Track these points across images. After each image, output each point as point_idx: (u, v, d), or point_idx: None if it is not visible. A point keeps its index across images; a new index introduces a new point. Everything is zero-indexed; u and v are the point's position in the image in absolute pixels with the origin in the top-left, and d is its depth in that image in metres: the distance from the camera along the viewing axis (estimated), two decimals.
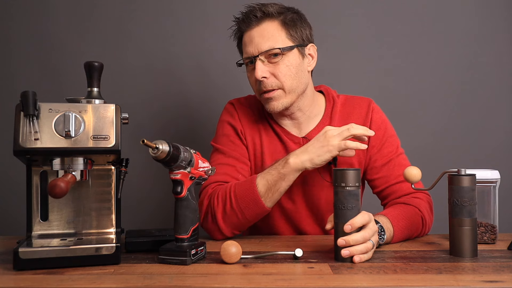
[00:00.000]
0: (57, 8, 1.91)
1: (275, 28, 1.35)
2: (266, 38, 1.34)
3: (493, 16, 1.97)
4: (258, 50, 1.34)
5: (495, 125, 1.97)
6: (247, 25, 1.37)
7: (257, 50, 1.34)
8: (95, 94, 1.10)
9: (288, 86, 1.35)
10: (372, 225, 1.05)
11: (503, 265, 1.00)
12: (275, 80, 1.35)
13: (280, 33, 1.35)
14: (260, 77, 1.33)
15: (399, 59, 1.97)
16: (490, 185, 1.22)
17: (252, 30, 1.36)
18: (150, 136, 1.15)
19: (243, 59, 1.42)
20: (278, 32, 1.35)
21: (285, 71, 1.34)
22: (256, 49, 1.34)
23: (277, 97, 1.36)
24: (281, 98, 1.36)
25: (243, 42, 1.39)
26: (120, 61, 1.92)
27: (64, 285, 0.88)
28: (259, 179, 1.28)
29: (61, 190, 0.94)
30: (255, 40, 1.35)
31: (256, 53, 1.34)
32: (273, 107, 1.37)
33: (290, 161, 1.26)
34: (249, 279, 0.92)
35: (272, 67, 1.34)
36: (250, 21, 1.36)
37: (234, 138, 1.45)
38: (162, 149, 0.97)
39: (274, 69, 1.34)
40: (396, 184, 1.38)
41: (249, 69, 1.40)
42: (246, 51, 1.37)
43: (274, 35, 1.35)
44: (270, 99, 1.36)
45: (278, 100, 1.36)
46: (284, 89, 1.36)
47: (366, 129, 1.25)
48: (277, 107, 1.37)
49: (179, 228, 1.06)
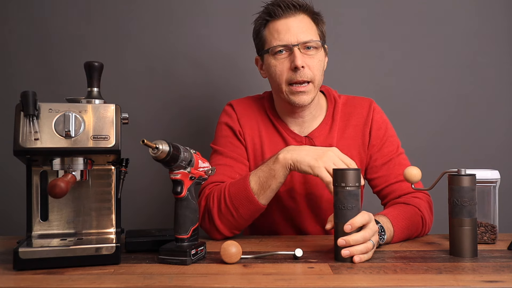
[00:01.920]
0: (56, 8, 1.91)
1: (310, 23, 1.38)
2: (305, 29, 1.35)
3: (493, 16, 1.97)
4: (297, 39, 1.34)
5: (495, 125, 1.97)
6: (284, 12, 1.35)
7: (296, 39, 1.34)
8: (95, 94, 1.10)
9: (317, 81, 1.38)
10: (372, 225, 1.05)
11: (503, 265, 1.00)
12: (309, 72, 1.35)
13: (314, 28, 1.39)
14: (301, 65, 1.32)
15: (399, 59, 1.97)
16: (490, 185, 1.22)
17: (289, 18, 1.36)
18: (150, 136, 1.14)
19: (274, 46, 1.36)
20: (313, 27, 1.38)
21: (318, 65, 1.37)
22: (296, 38, 1.34)
23: (308, 91, 1.36)
24: (311, 92, 1.37)
25: (275, 29, 1.37)
26: (120, 61, 1.91)
27: (64, 285, 0.88)
28: (252, 176, 1.27)
29: (61, 190, 0.94)
30: (294, 29, 1.35)
31: (296, 42, 1.34)
32: (303, 101, 1.37)
33: (280, 156, 1.24)
34: (249, 279, 0.92)
35: (307, 59, 1.35)
36: (288, 9, 1.35)
37: (232, 139, 1.45)
38: (162, 149, 0.97)
39: (309, 61, 1.35)
40: (396, 183, 1.38)
41: (280, 57, 1.37)
42: (282, 39, 1.35)
43: (310, 28, 1.37)
44: (301, 93, 1.36)
45: (308, 94, 1.37)
46: (314, 83, 1.37)
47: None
48: (307, 100, 1.37)
49: (179, 228, 1.06)
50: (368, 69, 1.96)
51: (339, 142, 1.43)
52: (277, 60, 1.37)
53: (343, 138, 1.44)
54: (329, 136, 1.43)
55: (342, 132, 1.44)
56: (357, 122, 1.45)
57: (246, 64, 1.93)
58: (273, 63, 1.38)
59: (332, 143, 1.42)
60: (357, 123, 1.45)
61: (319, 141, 1.43)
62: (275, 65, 1.37)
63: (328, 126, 1.45)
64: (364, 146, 1.44)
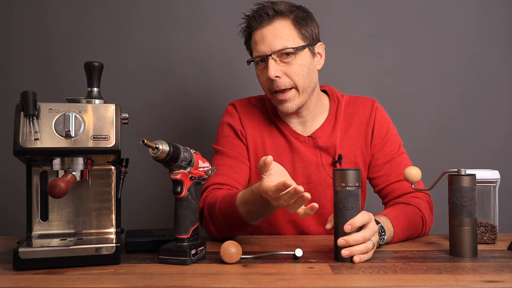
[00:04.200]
0: (57, 8, 1.91)
1: (287, 27, 1.34)
2: (279, 37, 1.33)
3: (493, 16, 1.97)
4: (271, 49, 1.33)
5: (495, 125, 1.97)
6: (258, 23, 1.35)
7: (269, 49, 1.33)
8: (95, 94, 1.10)
9: (301, 86, 1.36)
10: (372, 225, 1.05)
11: (503, 265, 1.00)
12: (288, 80, 1.34)
13: (292, 32, 1.35)
14: (273, 76, 1.32)
15: (400, 59, 1.97)
16: (490, 185, 1.22)
17: (263, 28, 1.34)
18: (150, 136, 1.14)
19: (253, 57, 1.39)
20: (291, 32, 1.34)
21: (298, 71, 1.34)
22: (269, 48, 1.33)
23: (291, 98, 1.36)
24: (295, 99, 1.36)
25: (254, 40, 1.37)
26: (120, 61, 1.92)
27: (64, 285, 0.88)
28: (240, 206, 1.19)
29: (61, 190, 0.94)
30: (268, 39, 1.33)
31: (269, 52, 1.33)
32: (287, 108, 1.37)
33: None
34: (249, 279, 0.92)
35: (284, 66, 1.34)
36: (261, 19, 1.34)
37: (234, 139, 1.45)
38: (162, 149, 0.97)
39: (287, 69, 1.34)
40: (397, 183, 1.39)
41: (260, 67, 1.38)
42: (258, 50, 1.35)
43: (287, 34, 1.34)
44: (284, 101, 1.36)
45: (292, 101, 1.36)
46: (297, 89, 1.36)
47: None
48: (291, 108, 1.37)
49: (179, 228, 1.06)
50: (368, 69, 1.96)
51: (342, 142, 1.43)
52: (259, 70, 1.39)
53: (346, 137, 1.44)
54: (332, 136, 1.43)
55: (345, 131, 1.45)
56: (360, 122, 1.45)
57: (246, 65, 1.93)
58: (257, 73, 1.41)
59: (335, 143, 1.42)
60: (360, 122, 1.45)
61: (322, 141, 1.43)
62: (258, 74, 1.41)
63: (331, 126, 1.45)
64: (367, 145, 1.44)
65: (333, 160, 1.42)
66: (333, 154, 1.42)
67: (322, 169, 1.40)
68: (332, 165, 1.42)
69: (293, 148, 1.43)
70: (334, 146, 1.42)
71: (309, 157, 1.43)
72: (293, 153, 1.43)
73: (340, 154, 1.41)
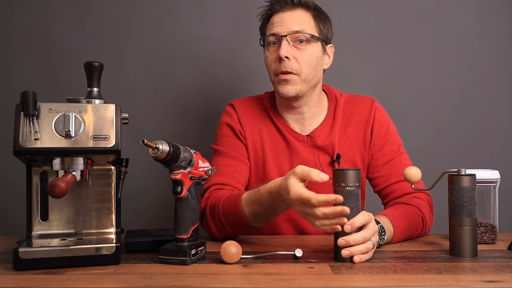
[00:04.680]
0: (57, 8, 1.91)
1: (307, 17, 1.39)
2: (297, 22, 1.36)
3: (493, 16, 1.97)
4: (287, 30, 1.35)
5: (495, 125, 1.97)
6: (281, 7, 1.38)
7: (286, 30, 1.35)
8: (95, 94, 1.10)
9: (305, 74, 1.37)
10: (372, 225, 1.05)
11: (503, 265, 1.00)
12: (296, 64, 1.35)
13: (312, 22, 1.39)
14: (284, 56, 1.33)
15: (399, 59, 1.97)
16: (490, 185, 1.22)
17: (285, 12, 1.38)
18: (150, 136, 1.14)
19: (267, 36, 1.40)
20: (310, 21, 1.39)
21: (307, 59, 1.36)
22: (286, 29, 1.35)
23: (292, 81, 1.36)
24: (296, 83, 1.37)
25: (271, 21, 1.40)
26: (120, 61, 1.92)
27: (64, 285, 0.88)
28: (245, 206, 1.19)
29: (61, 190, 0.94)
30: (286, 21, 1.36)
31: (285, 33, 1.35)
32: (286, 91, 1.37)
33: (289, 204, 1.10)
34: (249, 279, 0.92)
35: (296, 51, 1.36)
36: (285, 4, 1.37)
37: (233, 139, 1.45)
38: (162, 149, 0.97)
39: (298, 54, 1.36)
40: (397, 183, 1.39)
41: (271, 49, 1.39)
42: (273, 29, 1.38)
43: (306, 21, 1.38)
44: (285, 81, 1.36)
45: (293, 84, 1.37)
46: (300, 76, 1.37)
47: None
48: (291, 91, 1.37)
49: (179, 228, 1.06)
50: (368, 69, 1.96)
51: (340, 141, 1.43)
52: (268, 51, 1.40)
53: (344, 136, 1.44)
54: (331, 135, 1.43)
55: (344, 130, 1.45)
56: (359, 121, 1.45)
57: (247, 63, 1.93)
58: (265, 55, 1.42)
59: (333, 142, 1.42)
60: (358, 121, 1.45)
61: (320, 140, 1.43)
62: (267, 56, 1.41)
63: (329, 125, 1.45)
64: (366, 144, 1.44)
65: (331, 159, 1.43)
66: (331, 153, 1.43)
67: (320, 169, 1.40)
68: (330, 165, 1.42)
69: (291, 147, 1.43)
70: (332, 145, 1.42)
71: (307, 156, 1.43)
72: (291, 152, 1.44)
73: (338, 153, 1.41)
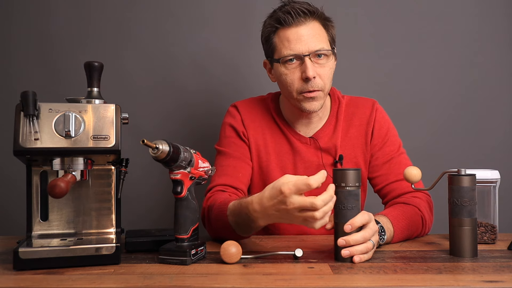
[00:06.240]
0: (57, 8, 1.91)
1: (320, 29, 1.35)
2: (315, 38, 1.33)
3: (493, 16, 1.97)
4: (308, 48, 1.31)
5: (495, 125, 1.97)
6: (295, 20, 1.32)
7: (307, 49, 1.31)
8: (95, 94, 1.10)
9: (327, 88, 1.37)
10: (372, 225, 1.05)
11: (503, 265, 1.00)
12: (320, 81, 1.34)
13: (324, 34, 1.36)
14: (312, 77, 1.31)
15: (399, 59, 1.97)
16: (490, 185, 1.22)
17: (300, 27, 1.32)
18: (150, 136, 1.14)
19: (284, 56, 1.33)
20: (323, 33, 1.36)
21: (328, 74, 1.35)
22: (307, 47, 1.31)
23: (318, 97, 1.35)
24: (321, 99, 1.36)
25: (287, 38, 1.33)
26: (120, 61, 1.92)
27: (64, 285, 0.88)
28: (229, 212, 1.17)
29: (61, 190, 0.94)
30: (304, 38, 1.32)
31: (307, 52, 1.31)
32: (314, 107, 1.36)
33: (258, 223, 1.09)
34: (249, 279, 0.92)
35: (318, 68, 1.33)
36: (299, 16, 1.32)
37: (236, 140, 1.45)
38: (162, 149, 0.97)
39: (320, 71, 1.34)
40: (396, 182, 1.39)
41: (290, 67, 1.34)
42: (293, 48, 1.32)
43: (321, 35, 1.35)
44: (312, 99, 1.35)
45: (318, 100, 1.36)
46: (324, 91, 1.36)
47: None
48: (317, 107, 1.37)
49: (179, 228, 1.06)
50: (368, 69, 1.96)
51: (342, 142, 1.44)
52: (287, 69, 1.35)
53: (346, 138, 1.45)
54: (333, 137, 1.44)
55: (346, 132, 1.45)
56: (360, 122, 1.45)
57: (247, 65, 1.93)
58: (284, 72, 1.36)
59: (336, 143, 1.43)
60: (360, 123, 1.45)
61: (323, 142, 1.43)
62: (286, 73, 1.35)
63: (332, 126, 1.45)
64: (367, 145, 1.44)
65: (334, 160, 1.43)
66: (334, 154, 1.43)
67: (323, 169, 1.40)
68: (333, 166, 1.43)
69: (294, 149, 1.44)
70: (335, 146, 1.43)
71: (311, 158, 1.43)
72: (295, 154, 1.44)
73: (341, 155, 1.42)
